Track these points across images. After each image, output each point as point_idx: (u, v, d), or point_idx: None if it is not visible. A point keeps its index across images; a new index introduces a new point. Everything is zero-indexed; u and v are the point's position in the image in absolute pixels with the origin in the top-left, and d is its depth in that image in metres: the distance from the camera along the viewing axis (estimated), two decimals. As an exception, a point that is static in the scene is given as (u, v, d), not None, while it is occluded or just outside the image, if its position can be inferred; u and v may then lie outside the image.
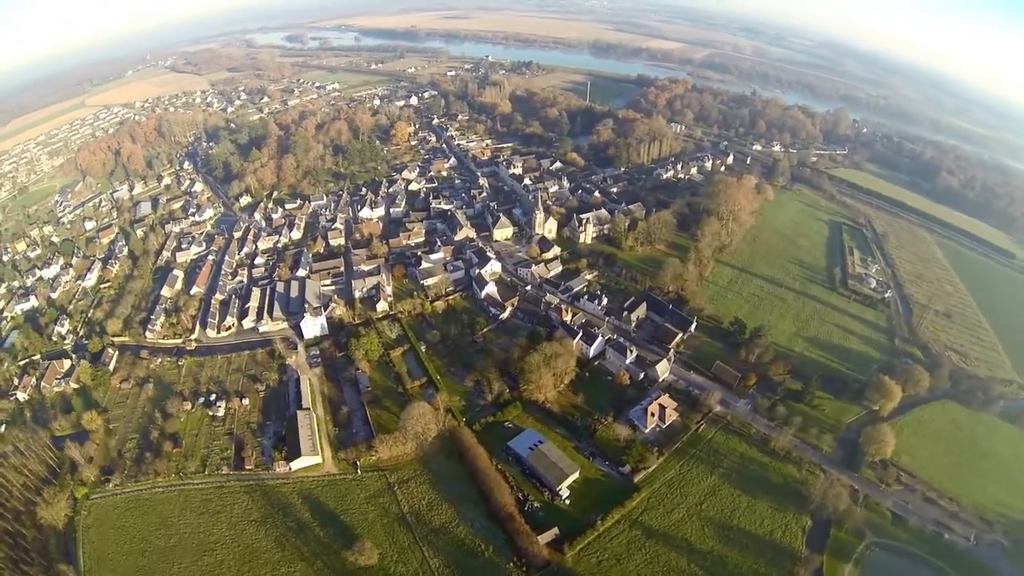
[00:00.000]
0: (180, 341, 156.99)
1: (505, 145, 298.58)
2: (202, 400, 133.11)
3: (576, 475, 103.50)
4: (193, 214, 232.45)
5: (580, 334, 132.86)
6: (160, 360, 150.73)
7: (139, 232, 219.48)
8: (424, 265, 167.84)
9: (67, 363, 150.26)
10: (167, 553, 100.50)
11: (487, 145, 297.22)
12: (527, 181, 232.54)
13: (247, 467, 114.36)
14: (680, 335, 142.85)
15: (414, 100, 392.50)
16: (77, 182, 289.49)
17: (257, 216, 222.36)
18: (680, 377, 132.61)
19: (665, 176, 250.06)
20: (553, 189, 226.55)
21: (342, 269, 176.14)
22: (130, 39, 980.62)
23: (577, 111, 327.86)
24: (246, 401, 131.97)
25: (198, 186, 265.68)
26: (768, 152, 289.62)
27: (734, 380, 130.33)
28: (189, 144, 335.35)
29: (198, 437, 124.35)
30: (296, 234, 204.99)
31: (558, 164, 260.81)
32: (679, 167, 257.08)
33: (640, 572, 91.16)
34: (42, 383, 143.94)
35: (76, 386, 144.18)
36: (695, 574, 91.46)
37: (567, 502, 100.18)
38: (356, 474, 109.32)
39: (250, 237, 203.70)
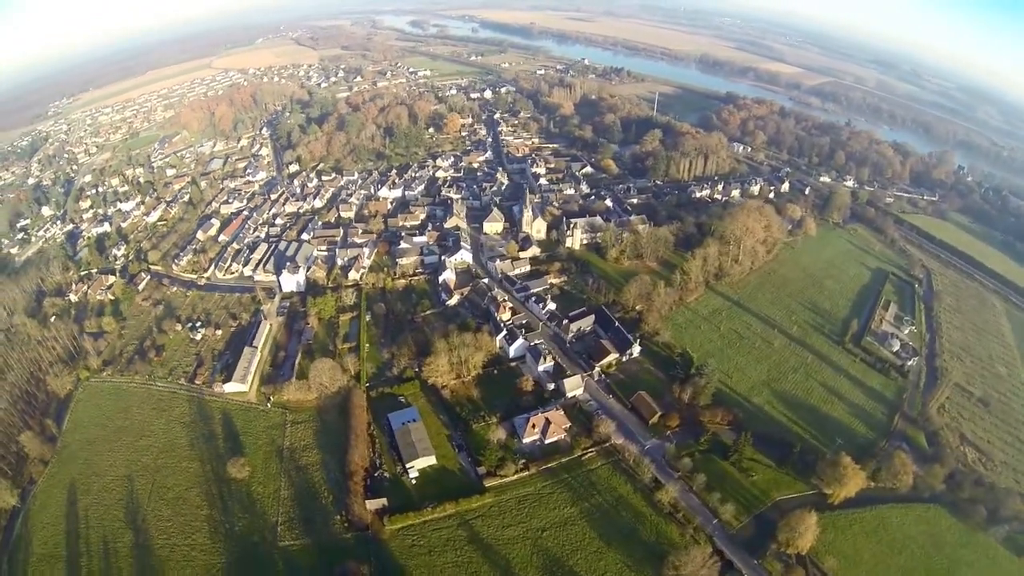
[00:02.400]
0: (195, 277, 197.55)
1: (550, 145, 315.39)
2: (189, 325, 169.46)
3: (431, 460, 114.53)
4: (249, 174, 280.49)
5: (504, 332, 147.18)
6: (175, 289, 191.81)
7: (203, 183, 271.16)
8: (402, 245, 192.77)
9: (111, 279, 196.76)
10: (119, 431, 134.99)
11: (534, 143, 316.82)
12: (543, 181, 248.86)
13: (196, 382, 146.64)
14: (616, 356, 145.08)
15: (488, 93, 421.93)
16: (176, 134, 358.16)
17: (296, 183, 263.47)
18: (595, 399, 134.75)
19: (699, 195, 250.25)
20: (568, 192, 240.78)
21: (338, 239, 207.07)
22: (273, 7, 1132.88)
23: (634, 119, 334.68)
24: (219, 332, 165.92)
25: (264, 151, 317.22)
26: (837, 185, 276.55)
27: (651, 415, 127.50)
28: (274, 112, 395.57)
29: (176, 352, 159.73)
30: (318, 203, 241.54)
31: (588, 169, 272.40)
32: (719, 187, 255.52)
33: (444, 570, 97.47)
34: (89, 291, 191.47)
35: (112, 298, 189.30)
36: None
37: (413, 481, 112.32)
38: (266, 407, 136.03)
39: (280, 200, 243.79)
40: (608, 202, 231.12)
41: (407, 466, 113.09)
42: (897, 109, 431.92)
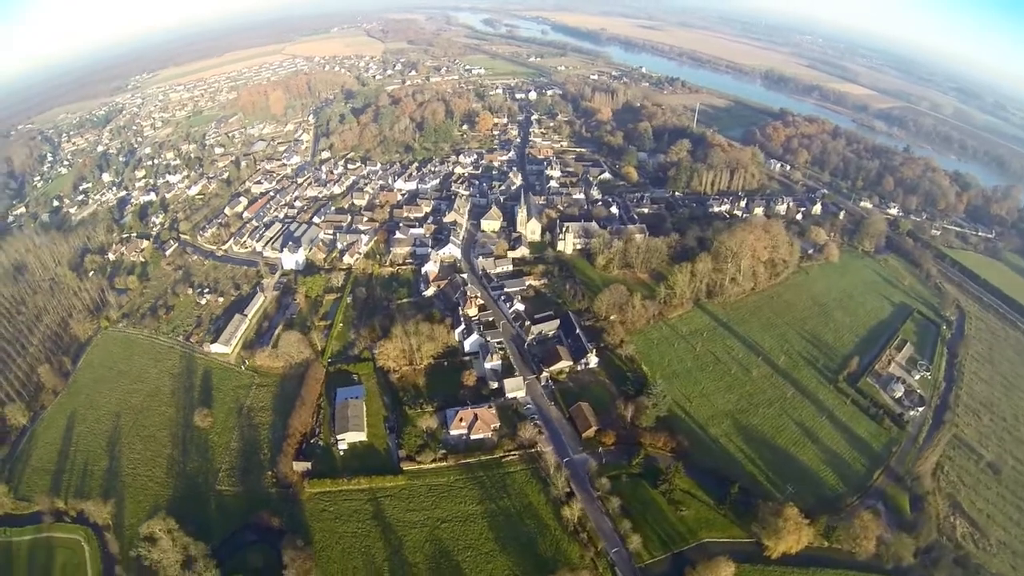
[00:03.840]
0: (214, 248, 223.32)
1: (577, 149, 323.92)
2: (198, 290, 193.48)
3: (361, 436, 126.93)
4: (285, 158, 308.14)
5: (462, 327, 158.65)
6: (196, 257, 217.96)
7: (243, 163, 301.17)
8: (397, 236, 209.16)
9: (145, 243, 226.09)
10: (120, 374, 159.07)
11: (561, 146, 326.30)
12: (552, 183, 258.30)
13: (191, 340, 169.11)
14: (569, 363, 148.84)
15: (533, 95, 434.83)
16: (233, 115, 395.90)
17: (324, 170, 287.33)
18: (535, 403, 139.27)
19: (717, 209, 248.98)
20: (577, 196, 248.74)
21: (344, 224, 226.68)
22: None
23: (669, 128, 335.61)
24: (221, 299, 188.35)
25: (305, 137, 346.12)
26: (878, 212, 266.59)
27: (586, 428, 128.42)
28: (324, 101, 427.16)
29: (182, 313, 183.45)
30: (337, 190, 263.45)
31: (606, 175, 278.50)
32: (741, 203, 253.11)
33: (343, 538, 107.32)
34: (125, 252, 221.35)
35: (142, 260, 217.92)
36: (376, 570, 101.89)
37: (341, 452, 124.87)
38: (241, 368, 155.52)
39: (304, 184, 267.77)
40: (614, 209, 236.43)
41: (338, 438, 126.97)
42: (970, 139, 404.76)
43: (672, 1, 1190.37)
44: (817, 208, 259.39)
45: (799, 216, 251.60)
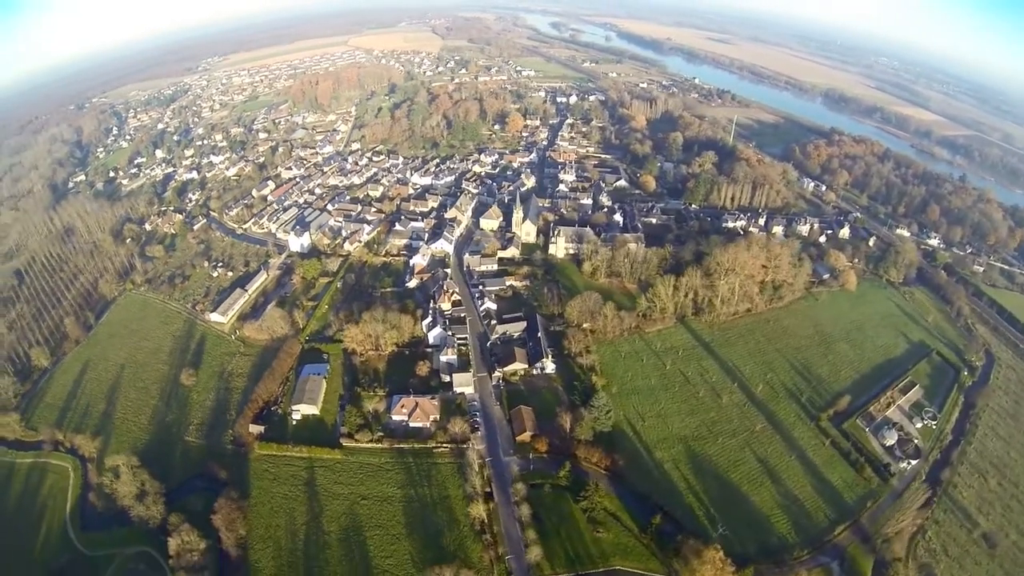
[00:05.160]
0: (236, 227, 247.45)
1: (602, 155, 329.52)
2: (213, 264, 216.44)
3: (315, 410, 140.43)
4: (319, 147, 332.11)
5: (429, 319, 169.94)
6: (219, 234, 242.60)
7: (280, 149, 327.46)
8: (396, 227, 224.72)
9: (178, 217, 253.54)
10: (132, 332, 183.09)
11: (589, 152, 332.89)
12: (562, 187, 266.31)
13: (196, 308, 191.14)
14: (523, 366, 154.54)
15: (574, 99, 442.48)
16: (284, 102, 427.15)
17: (350, 160, 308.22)
18: (483, 401, 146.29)
19: (731, 225, 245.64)
20: (584, 201, 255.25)
21: (353, 213, 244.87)
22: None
23: (701, 140, 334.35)
24: (230, 274, 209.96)
25: (342, 127, 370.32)
26: (916, 241, 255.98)
27: (522, 432, 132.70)
28: (369, 94, 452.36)
29: (195, 283, 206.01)
30: (358, 180, 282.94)
31: (622, 183, 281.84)
32: (760, 220, 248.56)
33: (275, 498, 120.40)
34: (160, 224, 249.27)
35: (172, 232, 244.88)
36: (294, 532, 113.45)
37: (294, 422, 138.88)
38: (231, 338, 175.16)
39: (328, 173, 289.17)
40: (617, 216, 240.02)
41: (293, 408, 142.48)
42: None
43: (748, 15, 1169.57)
44: (845, 231, 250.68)
45: (822, 238, 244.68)
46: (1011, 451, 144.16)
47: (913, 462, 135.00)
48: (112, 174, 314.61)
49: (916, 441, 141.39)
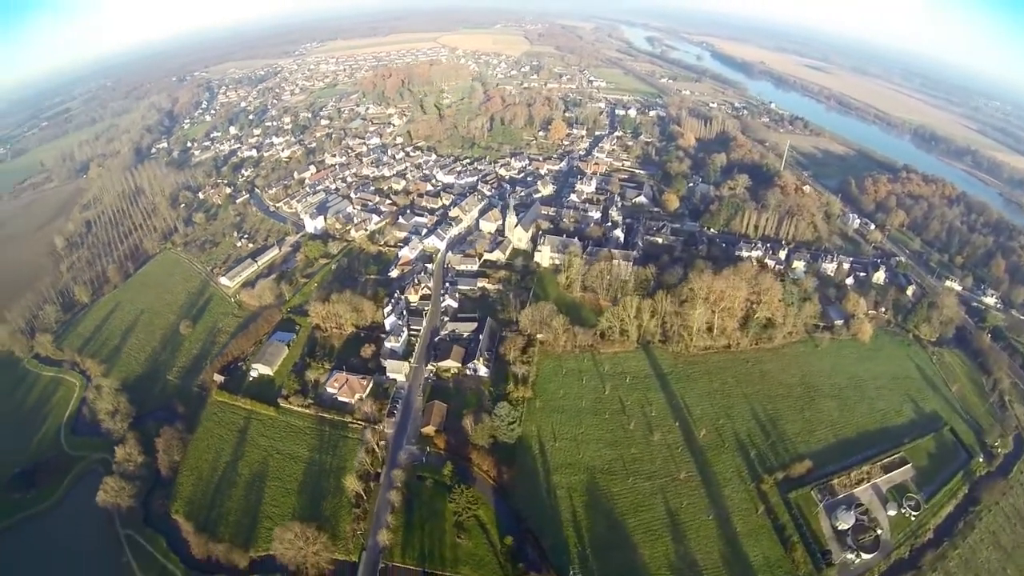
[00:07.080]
0: (270, 204, 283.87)
1: (638, 171, 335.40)
2: (239, 235, 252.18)
3: (269, 371, 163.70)
4: (368, 138, 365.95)
5: (389, 308, 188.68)
6: (254, 209, 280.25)
7: (333, 137, 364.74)
8: (400, 220, 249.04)
9: (227, 190, 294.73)
10: (158, 284, 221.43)
11: (623, 166, 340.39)
12: (573, 197, 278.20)
13: (213, 271, 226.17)
14: (457, 365, 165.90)
15: (633, 112, 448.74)
16: (354, 92, 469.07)
17: (388, 153, 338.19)
18: (410, 390, 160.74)
19: (745, 255, 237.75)
20: (591, 214, 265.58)
21: (370, 203, 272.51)
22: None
23: (743, 163, 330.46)
24: (251, 245, 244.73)
25: (396, 120, 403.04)
26: (968, 296, 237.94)
27: (427, 425, 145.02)
28: (436, 90, 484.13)
29: (220, 249, 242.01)
30: (388, 172, 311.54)
31: (642, 199, 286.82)
32: (780, 253, 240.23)
33: (212, 438, 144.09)
34: (211, 194, 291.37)
35: (218, 203, 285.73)
36: (215, 467, 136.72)
37: (251, 379, 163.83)
38: (231, 300, 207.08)
39: (363, 163, 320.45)
40: (617, 232, 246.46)
41: (253, 366, 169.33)
42: None
43: (854, 45, 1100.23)
44: (879, 275, 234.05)
45: (850, 280, 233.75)
46: (1010, 567, 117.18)
47: (866, 556, 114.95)
48: (189, 144, 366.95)
49: (880, 532, 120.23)
